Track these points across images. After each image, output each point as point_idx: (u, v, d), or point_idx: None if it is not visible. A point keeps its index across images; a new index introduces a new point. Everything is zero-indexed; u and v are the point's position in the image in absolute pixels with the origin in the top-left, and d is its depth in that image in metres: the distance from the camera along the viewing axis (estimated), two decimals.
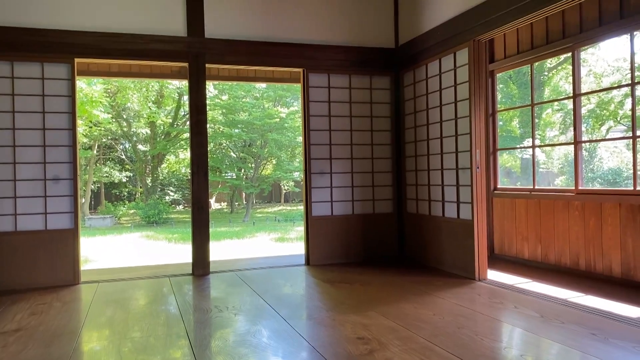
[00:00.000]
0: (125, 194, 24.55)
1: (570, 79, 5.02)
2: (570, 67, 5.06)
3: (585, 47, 4.96)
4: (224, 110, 19.32)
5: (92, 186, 22.27)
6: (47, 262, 4.88)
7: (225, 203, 26.76)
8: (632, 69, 4.49)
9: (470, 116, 4.79)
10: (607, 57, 16.44)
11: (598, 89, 16.08)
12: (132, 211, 21.46)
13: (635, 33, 4.35)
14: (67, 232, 4.95)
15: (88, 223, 18.11)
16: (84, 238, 12.62)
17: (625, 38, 4.46)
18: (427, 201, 5.57)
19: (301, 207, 20.58)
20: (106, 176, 22.49)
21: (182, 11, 5.32)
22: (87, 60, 5.21)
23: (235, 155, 21.53)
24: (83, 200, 20.01)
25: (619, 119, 15.91)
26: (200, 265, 5.34)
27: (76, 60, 5.02)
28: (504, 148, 12.66)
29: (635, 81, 4.43)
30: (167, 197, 22.99)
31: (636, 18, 4.25)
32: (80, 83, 14.38)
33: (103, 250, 10.93)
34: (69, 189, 4.97)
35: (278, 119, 19.32)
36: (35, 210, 4.88)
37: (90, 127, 18.32)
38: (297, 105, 20.43)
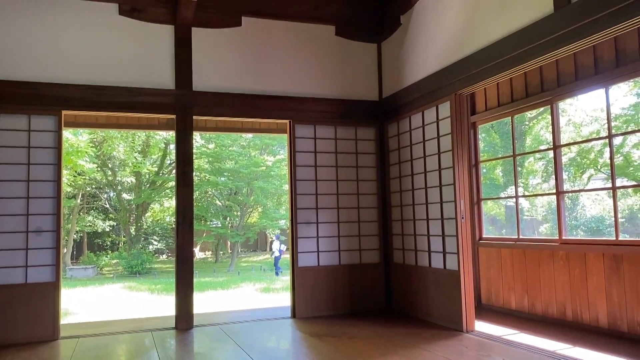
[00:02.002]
0: (108, 243, 24.17)
1: (551, 128, 5.15)
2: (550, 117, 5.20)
3: (563, 100, 5.12)
4: (210, 159, 19.38)
5: (75, 236, 21.91)
6: (26, 317, 4.75)
7: (210, 252, 26.45)
8: (609, 122, 4.63)
9: (454, 167, 4.87)
10: (586, 107, 16.91)
11: (578, 138, 16.46)
12: (114, 261, 21.08)
13: (609, 87, 4.51)
14: (48, 286, 4.84)
15: (69, 274, 17.72)
16: (64, 289, 12.32)
17: (601, 92, 4.62)
18: (414, 251, 5.57)
19: (287, 256, 20.54)
20: (89, 225, 22.18)
21: (171, 65, 5.42)
22: (74, 113, 5.25)
23: (220, 204, 21.45)
24: (65, 250, 19.65)
25: (599, 167, 16.22)
26: (184, 319, 5.23)
27: (63, 112, 5.05)
28: (487, 198, 12.79)
29: (612, 133, 4.56)
30: (150, 247, 22.67)
31: (610, 73, 4.42)
32: (66, 133, 14.40)
33: (84, 302, 10.66)
34: (51, 241, 4.89)
35: (264, 167, 19.41)
36: (16, 263, 4.78)
37: (75, 176, 18.21)
38: (283, 154, 20.58)
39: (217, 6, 5.63)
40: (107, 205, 23.29)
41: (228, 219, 21.19)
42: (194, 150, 7.60)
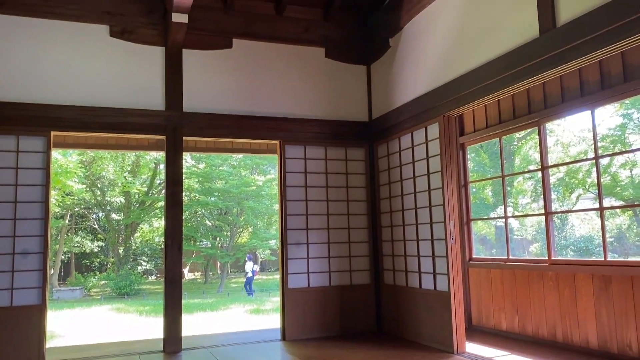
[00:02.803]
0: (97, 264, 23.87)
1: (539, 148, 5.20)
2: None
3: (551, 121, 5.18)
4: (200, 179, 19.32)
5: (63, 256, 21.62)
6: (10, 341, 4.66)
7: (200, 273, 26.20)
8: (595, 144, 4.69)
9: (443, 188, 4.89)
10: (573, 127, 17.16)
11: (566, 158, 16.64)
12: (102, 282, 20.80)
13: (595, 109, 4.58)
14: (34, 309, 4.76)
15: (56, 295, 17.46)
16: (50, 312, 12.11)
17: (587, 113, 4.68)
18: (404, 272, 5.56)
19: (277, 276, 20.39)
20: (77, 246, 21.91)
21: (161, 86, 5.44)
22: (64, 134, 5.23)
23: (210, 224, 21.32)
24: (52, 271, 19.38)
25: (587, 187, 16.38)
26: (172, 342, 5.16)
27: (53, 133, 5.03)
28: (477, 218, 12.83)
29: (599, 154, 4.62)
30: (139, 268, 22.40)
31: (595, 96, 4.49)
32: (55, 154, 14.32)
33: (71, 324, 10.49)
34: (38, 263, 4.83)
35: (255, 187, 19.37)
36: (1, 285, 4.71)
37: (64, 197, 18.06)
38: (274, 173, 20.57)
39: (208, 28, 5.67)
40: (96, 226, 23.05)
41: (218, 239, 21.05)
42: (184, 170, 7.59)
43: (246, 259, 19.07)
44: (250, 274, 18.28)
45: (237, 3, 5.78)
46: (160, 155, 18.93)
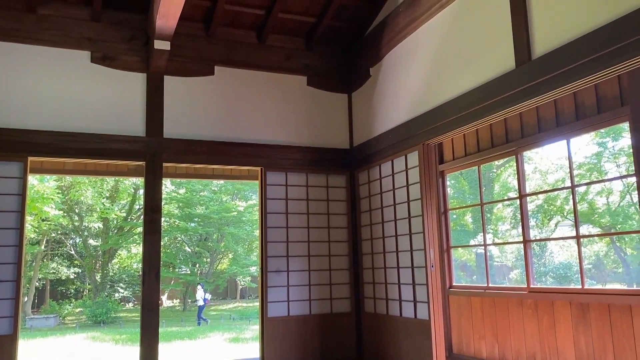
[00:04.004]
0: (72, 291, 23.32)
1: (517, 176, 5.26)
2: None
3: (528, 150, 5.27)
4: (180, 204, 19.15)
5: (37, 283, 21.10)
6: None
7: (178, 300, 25.74)
8: (571, 173, 4.77)
9: (423, 215, 4.92)
10: (551, 155, 17.49)
11: (544, 186, 16.91)
12: (78, 310, 20.31)
13: (570, 139, 4.67)
14: (4, 339, 4.62)
15: (29, 324, 16.96)
16: (22, 341, 11.77)
17: (563, 142, 4.77)
18: (385, 300, 5.54)
19: (257, 304, 20.22)
20: (53, 273, 21.42)
21: (142, 112, 5.42)
22: (41, 159, 5.16)
23: (190, 250, 21.06)
24: (26, 299, 18.88)
25: (565, 214, 16.63)
26: None
27: (30, 158, 4.96)
28: (457, 246, 12.91)
29: (575, 183, 4.69)
30: (116, 295, 21.95)
31: (570, 126, 4.58)
32: (32, 179, 14.10)
33: (44, 354, 10.18)
34: (10, 291, 4.71)
35: (236, 213, 19.25)
36: None
37: (40, 222, 17.72)
38: (255, 199, 20.49)
39: (190, 55, 5.70)
40: (73, 252, 22.60)
41: (197, 265, 20.78)
42: (164, 196, 7.51)
43: (198, 287, 18.68)
44: (201, 302, 17.91)
45: (219, 31, 5.83)
46: (140, 180, 18.76)
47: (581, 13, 3.43)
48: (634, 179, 3.74)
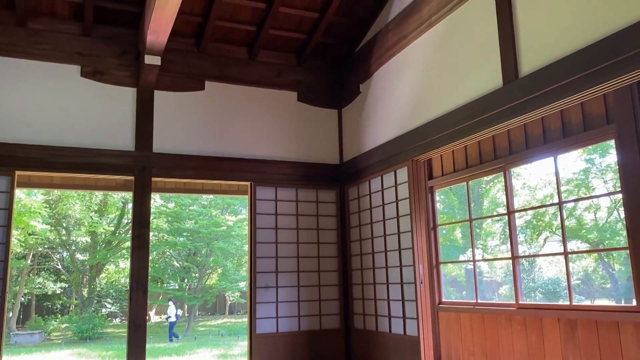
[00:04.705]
0: (59, 306, 22.99)
1: (505, 193, 5.29)
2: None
3: (516, 167, 5.31)
4: (169, 218, 19.01)
5: (22, 298, 20.78)
6: None
7: (166, 316, 25.45)
8: (559, 190, 4.81)
9: (412, 231, 4.93)
10: (540, 171, 17.63)
11: (533, 201, 17.00)
12: (64, 325, 20.01)
13: (558, 156, 4.72)
14: None
15: (13, 340, 16.68)
16: (6, 357, 11.56)
17: (551, 159, 4.82)
18: (374, 316, 5.52)
19: (246, 319, 20.04)
20: (39, 287, 21.11)
21: (131, 126, 5.41)
22: (28, 173, 5.12)
23: (178, 265, 20.87)
24: (10, 314, 18.58)
25: (554, 230, 16.72)
26: None
27: (17, 172, 4.92)
28: (446, 262, 12.92)
29: (562, 200, 4.73)
30: (103, 310, 21.67)
31: (557, 143, 4.63)
32: (19, 193, 13.96)
33: None
34: None
35: (225, 227, 19.14)
36: None
37: (26, 236, 17.51)
38: (245, 213, 20.40)
39: (181, 71, 5.71)
40: (59, 266, 22.32)
41: (186, 280, 20.58)
42: (153, 210, 7.46)
43: (169, 303, 18.46)
44: (173, 319, 17.70)
45: (210, 47, 5.86)
46: (129, 194, 18.64)
47: (567, 33, 3.49)
48: (620, 196, 3.78)
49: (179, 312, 17.84)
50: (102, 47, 5.40)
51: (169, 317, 17.86)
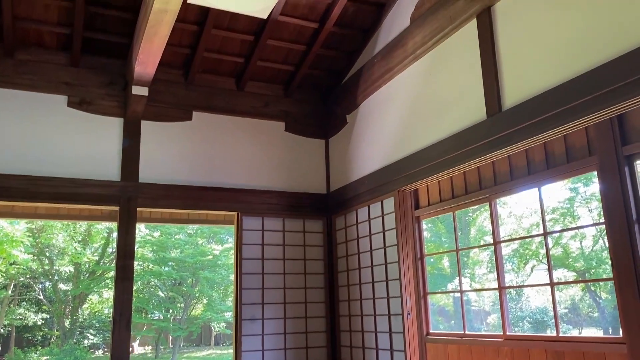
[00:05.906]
0: (39, 338, 22.38)
1: (491, 223, 5.32)
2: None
3: (501, 197, 5.36)
4: (154, 247, 18.77)
5: (2, 330, 20.25)
6: None
7: (150, 347, 24.91)
8: (543, 220, 4.85)
9: (399, 262, 4.92)
10: (525, 200, 17.78)
11: (520, 230, 17.09)
12: (45, 358, 19.47)
13: (542, 187, 4.77)
14: None
15: None
16: None
17: (535, 190, 4.87)
18: (361, 349, 5.45)
19: (231, 351, 19.63)
20: (19, 318, 20.59)
21: (118, 156, 5.39)
22: (10, 204, 5.06)
23: (163, 295, 20.52)
24: None
25: (540, 258, 16.78)
26: None
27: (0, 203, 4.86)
28: (433, 292, 12.80)
29: (547, 230, 4.77)
30: (85, 341, 21.14)
31: (541, 174, 4.69)
32: (2, 222, 13.75)
33: None
34: None
35: (211, 257, 18.93)
36: None
37: (7, 266, 17.17)
38: (231, 242, 20.23)
39: (168, 101, 5.73)
40: (41, 296, 21.83)
41: (171, 311, 20.22)
42: (138, 239, 7.37)
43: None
44: None
45: (198, 78, 5.90)
46: (114, 224, 18.42)
47: (549, 67, 3.57)
48: (604, 226, 3.81)
49: None
50: (90, 77, 5.41)
51: None
